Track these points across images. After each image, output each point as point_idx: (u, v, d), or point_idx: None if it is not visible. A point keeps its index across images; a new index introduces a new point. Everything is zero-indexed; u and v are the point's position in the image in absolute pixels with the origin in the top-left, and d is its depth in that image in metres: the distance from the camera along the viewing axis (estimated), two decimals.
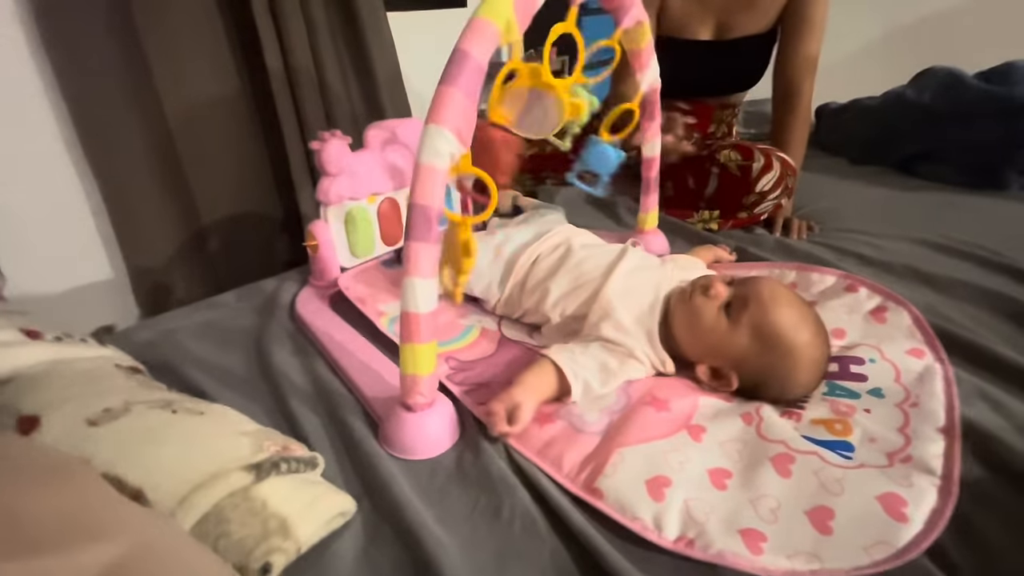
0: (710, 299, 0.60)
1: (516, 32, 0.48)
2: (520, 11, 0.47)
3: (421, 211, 0.46)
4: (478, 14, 0.46)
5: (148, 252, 1.33)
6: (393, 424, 0.53)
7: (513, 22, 0.47)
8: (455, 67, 0.45)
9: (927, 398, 0.55)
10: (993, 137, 1.08)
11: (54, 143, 1.17)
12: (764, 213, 1.02)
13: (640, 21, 0.70)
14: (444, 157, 0.45)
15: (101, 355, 0.56)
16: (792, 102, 1.08)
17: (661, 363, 0.62)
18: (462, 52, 0.45)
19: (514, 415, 0.53)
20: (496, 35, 0.46)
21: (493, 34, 0.46)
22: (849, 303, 0.71)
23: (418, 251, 0.47)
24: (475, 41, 0.45)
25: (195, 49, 1.27)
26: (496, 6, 0.46)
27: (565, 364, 0.58)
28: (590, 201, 1.18)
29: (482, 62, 0.46)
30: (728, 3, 1.06)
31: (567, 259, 0.72)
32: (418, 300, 0.48)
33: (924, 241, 0.91)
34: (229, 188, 1.41)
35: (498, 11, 0.46)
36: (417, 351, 0.50)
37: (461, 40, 0.45)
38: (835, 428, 0.52)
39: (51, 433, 0.40)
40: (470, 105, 0.46)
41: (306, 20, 1.40)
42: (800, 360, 0.56)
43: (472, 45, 0.45)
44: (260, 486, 0.41)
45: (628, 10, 0.67)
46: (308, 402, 0.60)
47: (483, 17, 0.45)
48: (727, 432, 0.53)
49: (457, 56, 0.45)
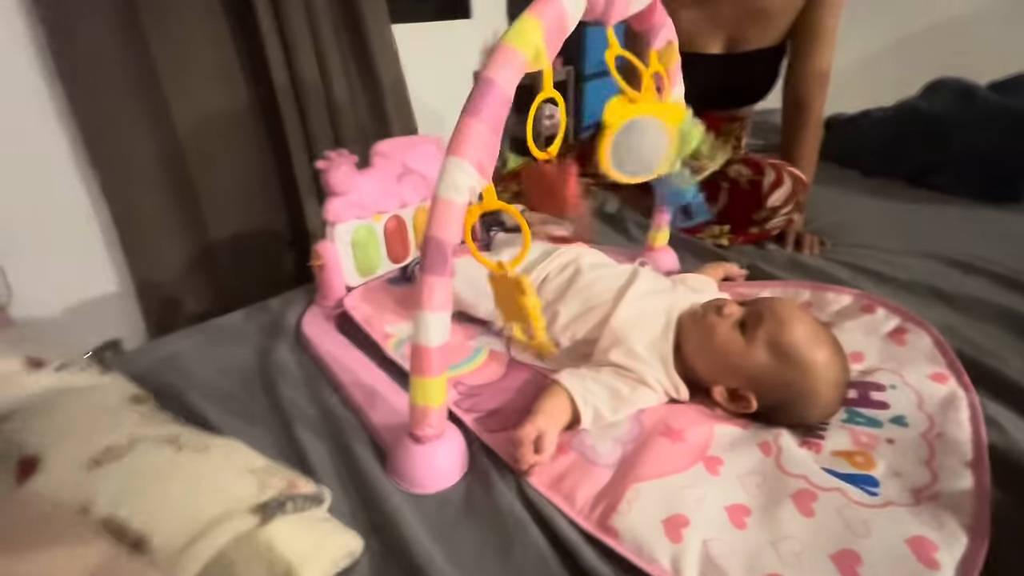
0: (724, 317, 0.59)
1: (545, 60, 0.46)
2: (550, 38, 0.45)
3: (437, 244, 0.45)
4: (505, 41, 0.44)
5: (156, 266, 1.33)
6: (401, 455, 0.52)
7: (542, 50, 0.45)
8: (479, 97, 0.43)
9: (952, 427, 0.53)
10: (1007, 149, 1.06)
11: (63, 158, 1.17)
12: (776, 228, 1.00)
13: (671, 41, 0.68)
14: (463, 191, 0.44)
15: (104, 384, 0.55)
16: (803, 116, 1.07)
17: (675, 389, 0.60)
18: (487, 81, 0.43)
19: (539, 444, 0.52)
20: (523, 64, 0.44)
21: (520, 63, 0.44)
22: (866, 324, 0.69)
23: (432, 285, 0.45)
24: (501, 70, 0.43)
25: (204, 64, 1.28)
26: (525, 34, 0.44)
27: (576, 391, 0.57)
28: (599, 216, 1.17)
29: (508, 92, 0.44)
30: (738, 17, 1.05)
31: (576, 280, 0.71)
32: (430, 334, 0.46)
33: (940, 257, 0.89)
34: (237, 202, 1.41)
35: (527, 39, 0.44)
36: (428, 384, 0.48)
37: (487, 68, 0.43)
38: (857, 461, 0.51)
39: (51, 474, 0.39)
40: (493, 138, 0.44)
41: (312, 34, 1.41)
42: (820, 379, 0.54)
43: (498, 74, 0.43)
44: (266, 528, 0.40)
45: (659, 30, 0.66)
46: (314, 429, 0.59)
47: (510, 45, 0.43)
48: (745, 464, 0.51)
49: (482, 85, 0.43)
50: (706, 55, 1.09)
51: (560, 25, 0.46)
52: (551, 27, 0.45)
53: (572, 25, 0.47)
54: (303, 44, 1.37)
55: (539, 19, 0.44)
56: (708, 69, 1.11)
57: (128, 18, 1.12)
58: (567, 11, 0.45)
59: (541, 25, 0.44)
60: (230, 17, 1.30)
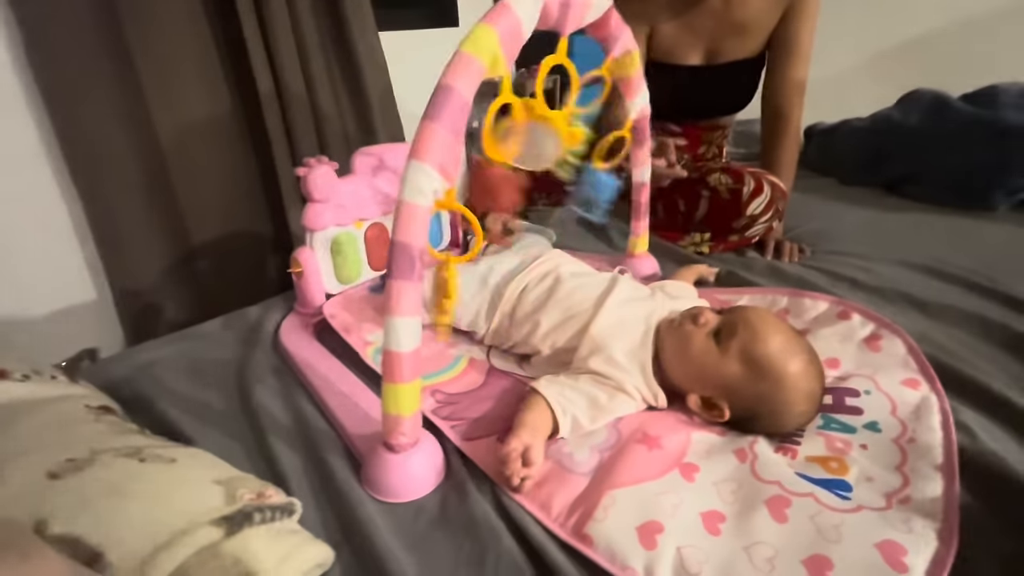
0: (699, 326, 0.59)
1: (503, 67, 0.47)
2: (507, 45, 0.46)
3: (403, 249, 0.44)
4: (462, 48, 0.45)
5: (135, 274, 1.31)
6: (375, 464, 0.52)
7: (500, 57, 0.46)
8: (438, 102, 0.44)
9: (924, 432, 0.54)
10: (980, 159, 1.09)
11: (40, 163, 1.15)
12: (755, 236, 1.02)
13: (629, 50, 0.69)
14: (427, 194, 0.44)
15: (71, 394, 0.54)
16: (781, 126, 1.09)
17: (653, 397, 0.60)
18: (445, 87, 0.44)
19: (527, 458, 0.51)
20: (481, 70, 0.45)
21: (478, 69, 0.45)
22: (842, 331, 0.70)
23: (400, 290, 0.45)
24: (459, 76, 0.44)
25: (186, 70, 1.27)
26: (481, 41, 0.45)
27: (554, 400, 0.57)
28: (582, 224, 1.17)
29: (467, 97, 0.44)
30: (717, 29, 1.07)
31: (556, 290, 0.71)
32: (400, 339, 0.46)
33: (915, 265, 0.91)
34: (219, 209, 1.40)
35: (483, 46, 0.45)
36: (399, 391, 0.48)
37: (445, 75, 0.44)
38: (831, 466, 0.51)
39: (10, 487, 0.38)
40: (454, 140, 0.45)
41: (297, 40, 1.40)
42: (793, 389, 0.54)
43: (456, 80, 0.44)
44: (231, 540, 0.39)
45: (617, 39, 0.67)
46: (288, 440, 0.58)
47: (467, 52, 0.44)
48: (721, 471, 0.51)
49: (440, 91, 0.44)
50: (686, 66, 1.11)
51: (515, 33, 0.46)
52: (506, 35, 0.46)
53: (527, 33, 0.48)
54: (288, 52, 1.36)
55: (494, 27, 0.44)
56: (688, 80, 1.13)
57: (110, 23, 1.11)
58: (521, 19, 0.46)
59: (496, 33, 0.44)
60: (213, 24, 1.29)
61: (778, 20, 1.05)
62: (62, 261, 1.24)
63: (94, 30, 1.11)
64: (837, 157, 1.38)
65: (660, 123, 1.20)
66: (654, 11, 1.07)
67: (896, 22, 1.94)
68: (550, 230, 1.12)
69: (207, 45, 1.30)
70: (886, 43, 1.99)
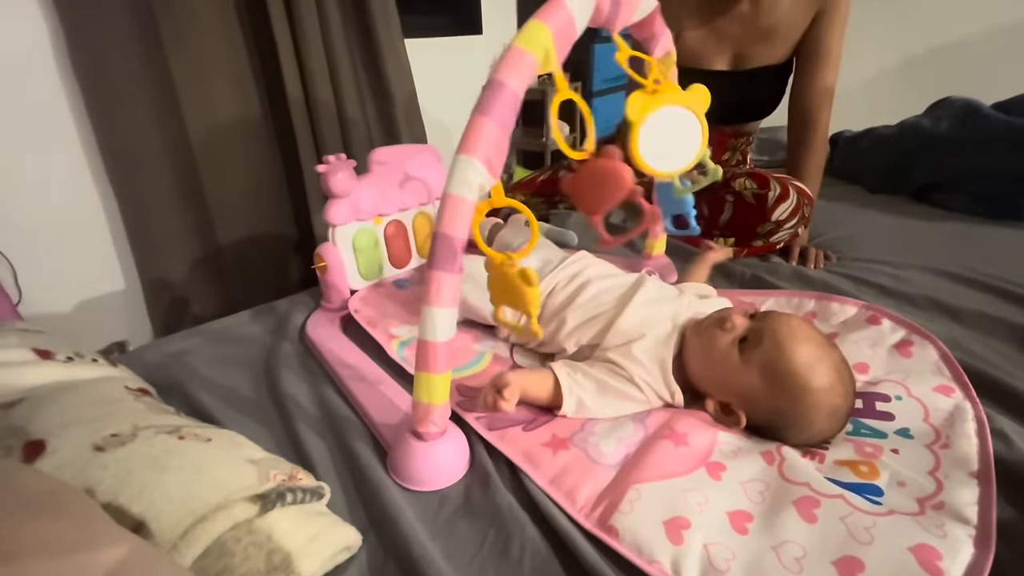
0: (725, 331, 0.58)
1: (555, 63, 0.47)
2: (559, 41, 0.46)
3: (447, 241, 0.45)
4: (516, 42, 0.45)
5: (164, 268, 1.35)
6: (402, 453, 0.52)
7: (552, 52, 0.46)
8: (490, 97, 0.44)
9: (958, 439, 0.52)
10: (1011, 168, 1.07)
11: (78, 162, 1.19)
12: (780, 242, 1.01)
13: (669, 51, 0.69)
14: (473, 188, 0.44)
15: (111, 376, 0.55)
16: (808, 133, 1.08)
17: (670, 394, 0.60)
18: (498, 82, 0.44)
19: (499, 382, 0.55)
20: (534, 66, 0.45)
21: (531, 65, 0.45)
22: (872, 336, 0.69)
23: (441, 280, 0.46)
24: (512, 72, 0.44)
25: (219, 74, 1.31)
26: (535, 36, 0.45)
27: (563, 378, 0.59)
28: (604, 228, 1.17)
29: (518, 92, 0.45)
30: (744, 34, 1.06)
31: (584, 290, 0.72)
32: (437, 329, 0.47)
33: (944, 272, 0.89)
34: (246, 208, 1.44)
35: (536, 41, 0.45)
36: (432, 380, 0.49)
37: (498, 70, 0.44)
38: (860, 470, 0.50)
39: (57, 458, 0.39)
40: (503, 136, 0.45)
41: (326, 47, 1.44)
42: (813, 407, 0.53)
43: (509, 76, 0.44)
44: (265, 518, 0.40)
45: (659, 40, 0.67)
46: (316, 427, 0.59)
47: (521, 47, 0.45)
48: (748, 471, 0.51)
49: (493, 86, 0.44)
50: (712, 71, 1.11)
51: (568, 29, 0.47)
52: (559, 31, 0.46)
53: (580, 29, 0.48)
54: (317, 59, 1.40)
55: (547, 23, 0.45)
56: (714, 85, 1.12)
57: (148, 29, 1.15)
58: (574, 16, 0.47)
59: (550, 29, 0.45)
60: (246, 31, 1.33)
61: (807, 26, 1.04)
62: (95, 255, 1.28)
63: (133, 35, 1.15)
64: (864, 165, 1.36)
65: None
66: (682, 16, 1.07)
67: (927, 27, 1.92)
68: (571, 232, 1.12)
69: (239, 51, 1.34)
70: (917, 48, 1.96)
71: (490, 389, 0.57)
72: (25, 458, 0.39)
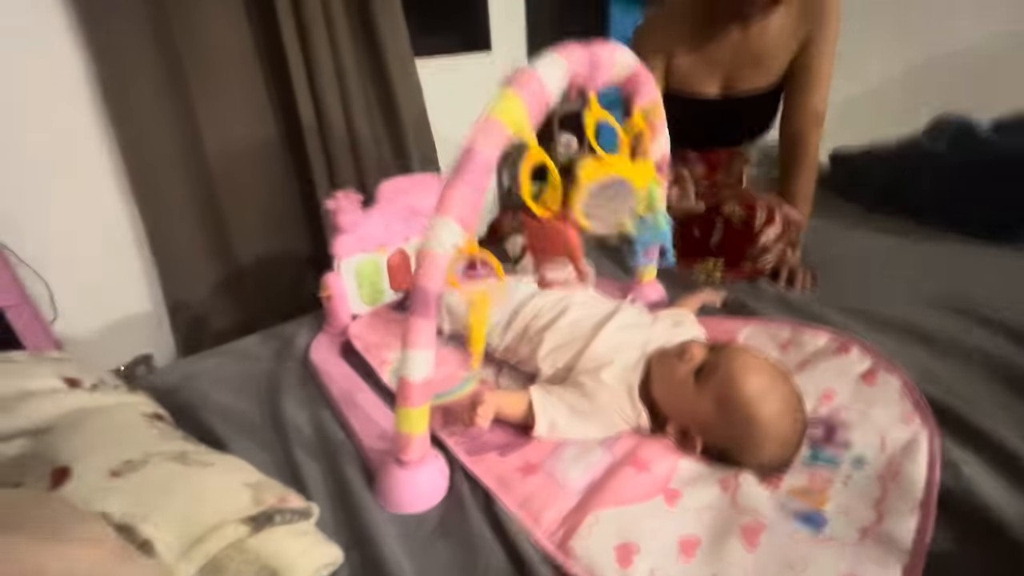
0: (684, 362, 0.62)
1: (528, 130, 0.51)
2: (532, 110, 0.50)
3: (423, 292, 0.50)
4: (490, 113, 0.49)
5: (186, 287, 1.43)
6: (385, 477, 0.57)
7: (524, 122, 0.50)
8: (463, 164, 0.48)
9: (909, 468, 0.55)
10: (1008, 194, 1.07)
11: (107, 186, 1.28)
12: (768, 264, 1.03)
13: (654, 99, 0.73)
14: (447, 246, 0.49)
15: (129, 402, 0.62)
16: (799, 155, 1.10)
17: (636, 417, 0.64)
18: (471, 151, 0.48)
19: (476, 399, 0.62)
20: (505, 135, 0.49)
21: (502, 134, 0.49)
22: (840, 365, 0.71)
23: (417, 327, 0.51)
24: (484, 140, 0.49)
25: (238, 103, 1.39)
26: (508, 108, 0.49)
27: (537, 400, 0.64)
28: (598, 249, 1.21)
29: (490, 159, 0.49)
30: (735, 60, 1.09)
31: (565, 314, 0.76)
32: (413, 369, 0.52)
33: (930, 297, 0.90)
34: (263, 229, 1.51)
35: (509, 112, 0.49)
36: (411, 414, 0.54)
37: (471, 138, 0.49)
38: (810, 498, 0.53)
39: (80, 482, 0.45)
40: (477, 197, 0.50)
41: (337, 69, 1.50)
42: (762, 435, 0.56)
43: (481, 144, 0.48)
44: (256, 537, 0.45)
45: (643, 90, 0.71)
46: (311, 449, 0.65)
47: (494, 117, 0.49)
48: (702, 498, 0.54)
49: (466, 154, 0.48)
50: (703, 96, 1.14)
51: (541, 98, 0.51)
52: (532, 100, 0.50)
53: (554, 96, 0.53)
54: (328, 82, 1.47)
55: (520, 94, 0.49)
56: (706, 110, 1.16)
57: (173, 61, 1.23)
58: (546, 85, 0.51)
59: (522, 99, 0.49)
60: (263, 60, 1.41)
61: (796, 50, 1.07)
62: (124, 275, 1.37)
63: (160, 66, 1.23)
64: (863, 182, 1.37)
65: (680, 150, 1.23)
66: (673, 43, 1.10)
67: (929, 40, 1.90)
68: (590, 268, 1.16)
69: (256, 81, 1.42)
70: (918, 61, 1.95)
71: (467, 407, 0.62)
72: (53, 482, 0.45)
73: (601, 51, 0.57)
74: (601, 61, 0.57)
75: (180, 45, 1.24)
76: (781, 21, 1.03)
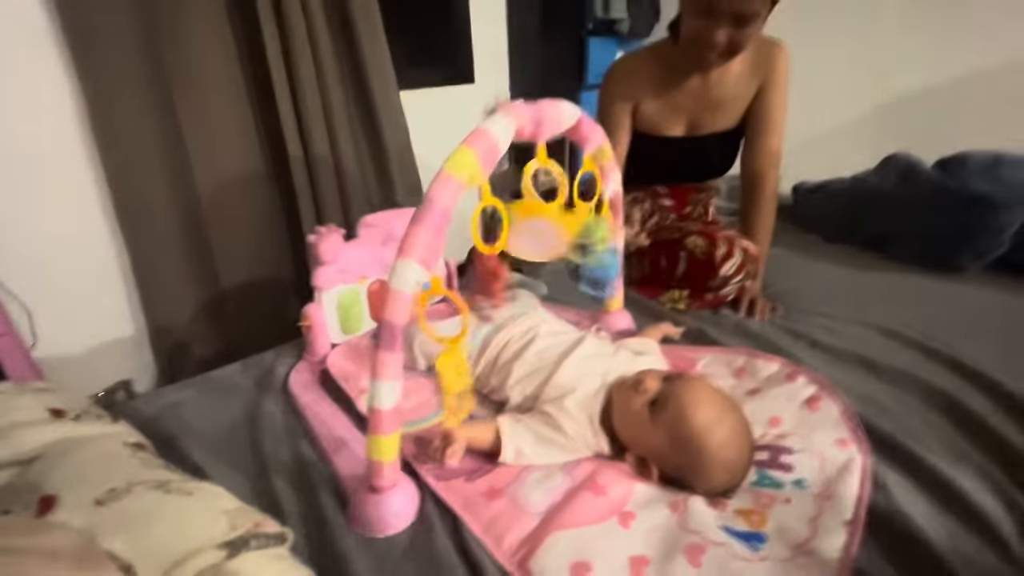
0: (639, 393, 0.66)
1: (481, 177, 0.58)
2: (484, 161, 0.57)
3: (389, 327, 0.55)
4: (446, 167, 0.56)
5: (169, 313, 1.45)
6: (358, 502, 0.61)
7: (477, 171, 0.57)
8: (422, 212, 0.54)
9: (843, 489, 0.60)
10: (949, 226, 1.15)
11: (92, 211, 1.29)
12: (729, 295, 1.09)
13: (601, 145, 0.80)
14: (411, 284, 0.54)
15: (112, 432, 0.65)
16: (758, 191, 1.18)
17: (598, 444, 0.69)
18: (429, 200, 0.54)
19: (447, 437, 0.65)
20: (459, 186, 0.55)
21: (457, 185, 0.55)
22: (788, 392, 0.77)
23: (384, 360, 0.55)
24: (441, 191, 0.55)
25: (225, 131, 1.43)
26: (461, 163, 0.55)
27: (505, 429, 0.68)
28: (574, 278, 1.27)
29: (447, 207, 0.55)
30: (697, 106, 1.17)
31: (532, 344, 0.81)
32: (383, 399, 0.56)
33: (877, 326, 0.97)
34: (248, 256, 1.54)
35: (462, 166, 0.56)
36: (381, 442, 0.57)
37: (430, 189, 0.55)
38: (752, 519, 0.58)
39: (67, 510, 0.48)
40: (436, 239, 0.55)
41: (324, 105, 1.56)
42: (711, 463, 0.61)
43: (438, 195, 0.55)
44: (232, 562, 0.48)
45: (590, 138, 0.78)
46: (289, 478, 0.68)
47: (449, 172, 0.55)
48: (654, 520, 0.59)
49: (425, 203, 0.55)
50: (669, 138, 1.22)
51: (492, 150, 0.57)
52: (484, 153, 0.56)
53: (504, 147, 0.59)
54: (315, 117, 1.52)
55: (473, 149, 0.55)
56: (672, 150, 1.23)
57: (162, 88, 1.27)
58: (497, 140, 0.57)
59: (475, 153, 0.55)
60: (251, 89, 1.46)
61: (752, 96, 1.15)
62: (106, 300, 1.38)
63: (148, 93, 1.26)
64: (821, 216, 1.46)
65: (649, 186, 1.30)
66: (639, 90, 1.18)
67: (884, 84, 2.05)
68: (540, 282, 1.22)
69: (244, 110, 1.47)
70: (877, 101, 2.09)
71: (439, 445, 0.66)
72: (40, 510, 0.48)
73: (547, 108, 0.64)
74: (546, 117, 0.64)
75: (170, 76, 1.28)
76: (737, 71, 1.12)
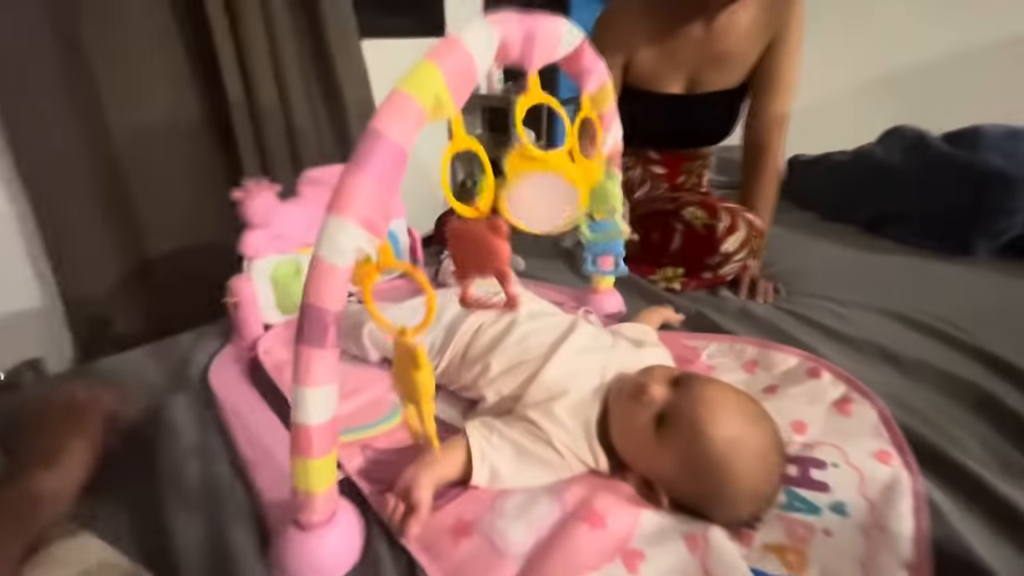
0: (642, 404, 0.52)
1: (452, 108, 0.41)
2: (455, 85, 0.41)
3: (316, 313, 0.39)
4: (397, 87, 0.39)
5: (86, 283, 1.25)
6: (282, 543, 0.46)
7: (445, 97, 0.40)
8: (366, 149, 0.38)
9: (895, 520, 0.49)
10: (961, 203, 1.06)
11: None
12: (729, 274, 0.98)
13: (604, 83, 0.65)
14: (347, 254, 0.38)
15: None
16: (761, 160, 1.05)
17: (594, 460, 0.55)
18: (374, 132, 0.38)
19: (410, 500, 0.48)
20: (420, 114, 0.39)
21: (416, 113, 0.39)
22: (811, 391, 0.65)
23: (310, 358, 0.39)
24: (392, 120, 0.38)
25: (149, 70, 1.22)
26: (420, 80, 0.39)
27: (476, 443, 0.53)
28: (554, 252, 1.13)
29: (402, 144, 0.39)
30: (698, 59, 1.03)
31: (512, 331, 0.66)
32: (309, 411, 0.40)
33: (891, 312, 0.87)
34: (180, 219, 1.34)
35: (422, 85, 0.39)
36: (310, 466, 0.42)
37: (376, 117, 0.38)
38: (789, 559, 0.46)
39: None
40: (386, 192, 0.39)
41: (271, 47, 1.35)
42: (735, 495, 0.48)
43: (388, 125, 0.38)
44: None
45: (591, 73, 0.62)
46: (193, 507, 0.51)
47: (403, 91, 0.39)
48: (668, 560, 0.46)
49: (369, 136, 0.38)
50: (666, 95, 1.07)
51: (466, 70, 0.41)
52: (454, 73, 0.40)
53: (482, 69, 0.43)
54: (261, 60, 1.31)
55: (438, 64, 0.39)
56: (668, 108, 1.09)
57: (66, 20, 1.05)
58: (473, 55, 0.41)
59: (440, 71, 0.39)
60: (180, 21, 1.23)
61: (761, 53, 1.02)
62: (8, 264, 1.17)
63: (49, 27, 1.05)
64: (819, 191, 1.35)
65: (640, 150, 1.16)
66: (635, 39, 1.03)
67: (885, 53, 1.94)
68: (518, 257, 1.07)
69: (173, 44, 1.24)
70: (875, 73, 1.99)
71: (397, 509, 0.48)
72: None
73: (542, 23, 0.48)
74: (540, 35, 0.47)
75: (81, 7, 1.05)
76: (746, 23, 0.98)
